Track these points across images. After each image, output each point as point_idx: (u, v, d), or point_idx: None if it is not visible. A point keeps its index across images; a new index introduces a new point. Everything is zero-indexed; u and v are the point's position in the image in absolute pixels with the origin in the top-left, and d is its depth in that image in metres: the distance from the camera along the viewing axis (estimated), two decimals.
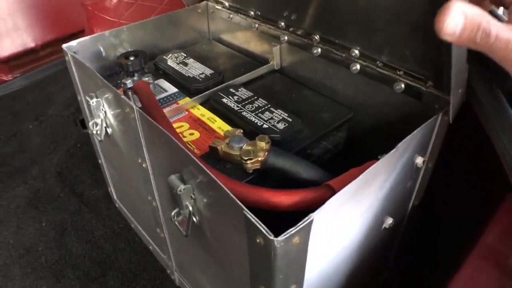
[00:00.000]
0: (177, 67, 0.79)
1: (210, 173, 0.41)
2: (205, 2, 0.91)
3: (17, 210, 1.03)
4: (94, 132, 0.70)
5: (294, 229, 0.35)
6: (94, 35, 0.77)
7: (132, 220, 0.91)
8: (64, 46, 0.74)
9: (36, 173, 1.13)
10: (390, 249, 0.70)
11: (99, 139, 0.71)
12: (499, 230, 0.53)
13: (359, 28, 0.61)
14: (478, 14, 0.31)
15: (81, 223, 0.97)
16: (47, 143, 1.22)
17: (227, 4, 0.88)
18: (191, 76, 0.76)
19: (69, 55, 0.71)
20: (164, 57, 0.83)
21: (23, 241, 0.96)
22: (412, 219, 0.66)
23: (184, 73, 0.77)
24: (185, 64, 0.80)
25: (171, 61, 0.81)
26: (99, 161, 0.90)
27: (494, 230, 0.52)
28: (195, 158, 0.43)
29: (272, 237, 0.34)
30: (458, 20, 0.31)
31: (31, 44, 2.00)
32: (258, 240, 0.36)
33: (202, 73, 0.77)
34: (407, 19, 0.54)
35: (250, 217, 0.36)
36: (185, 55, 0.83)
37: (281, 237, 0.34)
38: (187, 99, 0.72)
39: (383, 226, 0.57)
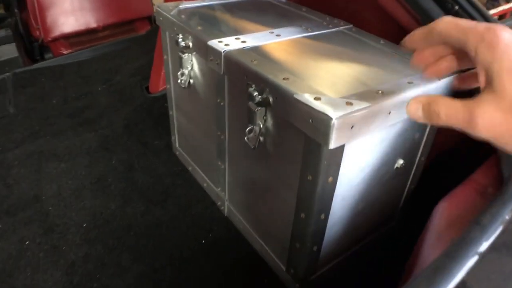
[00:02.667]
0: None
1: (282, 87, 0.63)
2: None
3: (89, 150, 1.28)
4: (180, 80, 0.94)
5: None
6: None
7: (190, 163, 1.14)
8: (157, 6, 0.98)
9: (105, 124, 1.38)
10: (400, 196, 0.91)
11: (183, 86, 0.95)
12: (485, 170, 0.74)
13: None
14: (432, 100, 0.47)
15: (146, 163, 1.21)
16: (115, 102, 1.48)
17: None
18: None
19: (165, 16, 0.95)
20: None
21: (94, 173, 1.20)
22: (419, 169, 0.87)
23: None
24: None
25: None
26: (170, 113, 1.14)
27: (482, 171, 0.73)
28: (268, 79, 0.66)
29: (329, 115, 0.56)
30: (417, 107, 0.49)
31: (93, 24, 2.28)
32: (310, 120, 0.59)
33: None
34: None
35: (313, 106, 0.57)
36: None
37: (335, 117, 0.56)
38: None
39: (395, 166, 0.79)
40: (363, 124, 0.60)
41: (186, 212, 1.06)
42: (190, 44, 0.87)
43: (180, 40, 0.88)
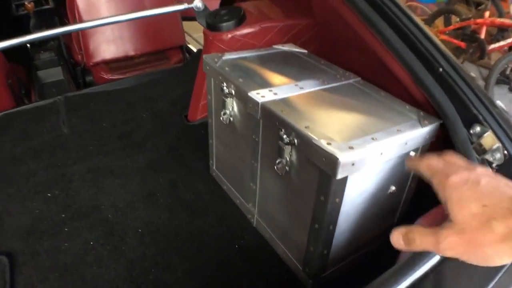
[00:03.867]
0: None
1: (304, 134, 0.92)
2: None
3: (139, 169, 1.58)
4: (223, 118, 1.23)
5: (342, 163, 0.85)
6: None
7: (225, 183, 1.43)
8: (206, 57, 1.27)
9: (150, 147, 1.68)
10: (394, 214, 1.18)
11: (225, 123, 1.24)
12: None
13: None
14: (409, 230, 0.59)
15: (188, 181, 1.50)
16: (158, 128, 1.78)
17: None
18: None
19: (212, 66, 1.24)
20: None
21: (144, 189, 1.49)
22: (410, 193, 1.14)
23: None
24: None
25: None
26: (210, 141, 1.44)
27: None
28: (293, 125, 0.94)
29: (336, 155, 0.84)
30: (398, 237, 0.60)
31: (131, 52, 2.62)
32: (324, 159, 0.87)
33: None
34: None
35: (326, 149, 0.86)
36: None
37: (341, 158, 0.84)
38: None
39: (389, 191, 1.06)
40: (361, 162, 0.89)
41: (222, 222, 1.35)
42: (233, 91, 1.16)
43: (224, 88, 1.18)
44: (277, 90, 1.11)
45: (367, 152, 0.89)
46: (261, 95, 1.07)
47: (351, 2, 1.18)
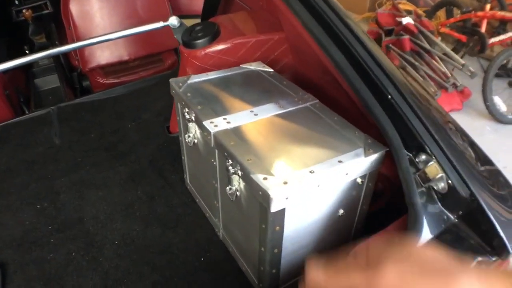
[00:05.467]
0: None
1: (245, 167, 0.98)
2: None
3: (120, 181, 1.67)
4: (187, 140, 1.30)
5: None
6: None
7: (197, 196, 1.51)
8: (172, 81, 1.34)
9: (134, 158, 1.77)
10: (348, 233, 1.24)
11: (189, 145, 1.31)
12: (399, 224, 1.05)
13: None
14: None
15: (164, 194, 1.59)
16: (142, 139, 1.87)
17: None
18: None
19: (177, 91, 1.31)
20: None
21: (124, 201, 1.58)
22: (362, 214, 1.20)
23: None
24: None
25: None
26: (182, 157, 1.51)
27: (396, 224, 1.05)
28: (241, 162, 1.01)
29: (268, 191, 0.91)
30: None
31: (125, 57, 2.70)
32: (260, 193, 0.93)
33: None
34: None
35: (261, 184, 0.92)
36: None
37: (273, 195, 0.91)
38: None
39: (338, 214, 1.12)
40: (296, 195, 0.95)
41: (192, 235, 1.43)
42: (193, 118, 1.23)
43: (186, 114, 1.25)
44: (232, 117, 1.17)
45: (303, 186, 0.95)
46: (214, 124, 1.14)
47: (303, 23, 1.21)
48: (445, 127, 1.15)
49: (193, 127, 1.27)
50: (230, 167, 1.05)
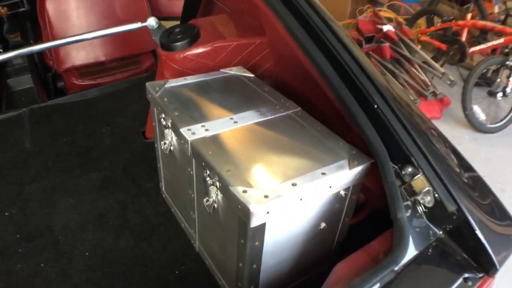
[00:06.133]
0: None
1: (224, 179, 0.92)
2: None
3: (93, 188, 1.59)
4: (163, 147, 1.23)
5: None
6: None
7: (173, 206, 1.44)
8: (148, 85, 1.27)
9: (106, 164, 1.69)
10: (330, 246, 1.19)
11: (165, 152, 1.24)
12: (382, 239, 1.01)
13: None
14: None
15: (138, 203, 1.52)
16: (116, 144, 1.79)
17: None
18: None
19: (153, 96, 1.24)
20: None
21: (96, 210, 1.51)
22: (345, 227, 1.15)
23: None
24: None
25: None
26: (158, 165, 1.44)
27: (379, 240, 1.00)
28: (218, 172, 0.95)
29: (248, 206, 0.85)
30: None
31: (101, 58, 2.61)
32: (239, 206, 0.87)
33: None
34: None
35: (240, 197, 0.86)
36: None
37: (253, 209, 0.85)
38: None
39: (319, 227, 1.07)
40: (277, 209, 0.89)
41: (166, 247, 1.36)
42: (169, 124, 1.17)
43: (162, 120, 1.18)
44: (210, 125, 1.11)
45: (284, 200, 0.89)
46: (192, 132, 1.07)
47: (288, 29, 1.17)
48: (431, 138, 1.11)
49: (170, 134, 1.20)
50: (207, 178, 0.99)
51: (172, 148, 1.23)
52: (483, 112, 3.37)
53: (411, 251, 0.90)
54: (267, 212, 0.88)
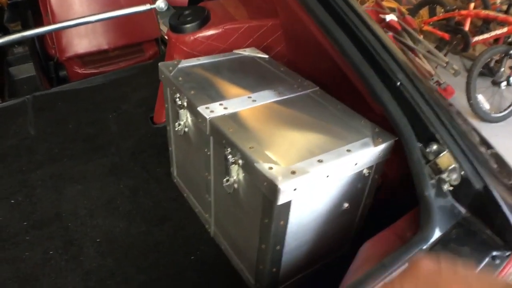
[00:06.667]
0: None
1: (247, 155, 0.89)
2: None
3: (100, 174, 1.55)
4: (177, 129, 1.20)
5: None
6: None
7: (185, 191, 1.41)
8: (161, 65, 1.23)
9: (114, 151, 1.65)
10: (350, 228, 1.16)
11: (179, 134, 1.21)
12: (408, 218, 0.98)
13: None
14: None
15: (148, 188, 1.48)
16: (123, 130, 1.75)
17: None
18: None
19: (167, 75, 1.20)
20: None
21: (105, 196, 1.46)
22: (366, 208, 1.12)
23: None
24: None
25: None
26: (170, 149, 1.41)
27: (405, 218, 0.98)
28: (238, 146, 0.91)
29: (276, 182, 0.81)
30: None
31: (104, 46, 2.55)
32: (265, 183, 0.84)
33: None
34: None
35: (266, 174, 0.83)
36: None
37: (281, 184, 0.82)
38: None
39: (342, 208, 1.04)
40: (304, 186, 0.86)
41: (180, 233, 1.32)
42: (185, 104, 1.13)
43: (177, 99, 1.15)
44: (228, 103, 1.07)
45: (311, 176, 0.86)
46: (210, 110, 1.04)
47: (307, 6, 1.13)
48: (454, 116, 1.08)
49: (185, 114, 1.17)
50: (229, 156, 0.95)
51: (186, 129, 1.19)
52: (487, 102, 3.35)
53: (438, 230, 0.88)
54: (294, 189, 0.84)
